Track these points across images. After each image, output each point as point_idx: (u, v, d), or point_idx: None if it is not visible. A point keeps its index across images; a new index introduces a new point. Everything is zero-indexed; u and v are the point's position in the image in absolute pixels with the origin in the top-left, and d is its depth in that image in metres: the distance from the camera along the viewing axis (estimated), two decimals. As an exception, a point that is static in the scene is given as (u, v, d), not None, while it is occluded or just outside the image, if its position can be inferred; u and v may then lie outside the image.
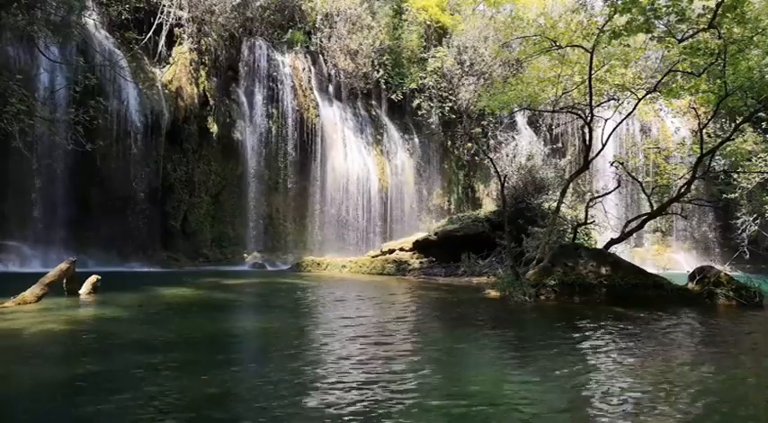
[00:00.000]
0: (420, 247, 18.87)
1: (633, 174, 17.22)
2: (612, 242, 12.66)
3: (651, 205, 14.01)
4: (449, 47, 27.37)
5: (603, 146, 14.03)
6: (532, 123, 29.11)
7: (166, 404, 3.86)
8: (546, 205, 17.85)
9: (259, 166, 22.26)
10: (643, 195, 14.90)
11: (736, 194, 20.49)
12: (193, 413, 3.74)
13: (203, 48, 21.28)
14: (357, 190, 24.24)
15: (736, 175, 18.91)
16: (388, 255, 19.11)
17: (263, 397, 4.10)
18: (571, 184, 16.78)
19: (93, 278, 9.73)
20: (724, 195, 20.44)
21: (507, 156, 22.53)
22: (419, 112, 26.82)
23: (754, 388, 4.78)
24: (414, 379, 4.62)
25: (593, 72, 12.41)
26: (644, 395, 4.32)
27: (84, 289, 9.49)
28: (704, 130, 13.18)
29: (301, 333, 7.02)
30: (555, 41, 12.96)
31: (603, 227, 15.92)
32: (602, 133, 13.71)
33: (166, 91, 19.96)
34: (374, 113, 26.64)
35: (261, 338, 6.70)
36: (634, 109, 14.00)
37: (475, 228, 18.33)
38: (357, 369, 4.91)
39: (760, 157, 18.48)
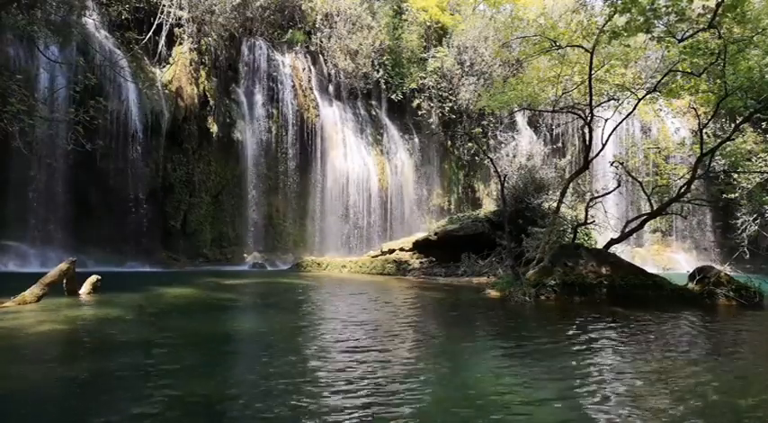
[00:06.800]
0: (420, 247, 18.87)
1: (633, 174, 17.21)
2: (612, 242, 12.66)
3: (651, 205, 14.01)
4: (449, 47, 27.37)
5: (603, 146, 14.04)
6: (532, 123, 29.11)
7: (166, 404, 3.86)
8: (546, 205, 17.84)
9: (259, 166, 22.25)
10: (643, 195, 14.90)
11: (737, 194, 20.46)
12: (193, 414, 3.74)
13: (203, 48, 21.28)
14: (357, 190, 24.23)
15: (736, 175, 18.87)
16: (388, 255, 19.11)
17: (262, 399, 4.09)
18: (571, 184, 16.78)
19: (93, 278, 9.73)
20: (724, 195, 20.40)
21: (507, 156, 22.54)
22: (419, 112, 26.82)
23: (754, 387, 4.78)
24: (414, 382, 4.62)
25: (593, 72, 12.41)
26: (645, 396, 4.32)
27: (84, 289, 9.49)
28: (704, 130, 13.17)
29: (302, 334, 7.02)
30: (555, 41, 12.96)
31: (603, 227, 15.91)
32: (602, 133, 13.72)
33: (166, 91, 19.95)
34: (374, 113, 26.64)
35: (260, 340, 6.69)
36: (634, 109, 14.00)
37: (475, 228, 18.32)
38: (357, 371, 4.91)
39: (760, 157, 18.44)
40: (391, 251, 19.35)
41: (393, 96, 26.25)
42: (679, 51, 11.46)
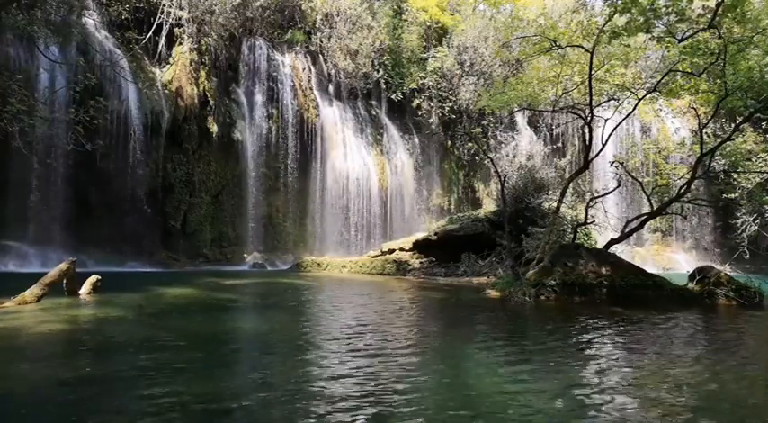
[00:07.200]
0: (420, 247, 18.87)
1: (633, 174, 17.21)
2: (612, 242, 12.66)
3: (651, 205, 14.02)
4: (449, 47, 27.37)
5: (603, 146, 14.04)
6: (532, 123, 29.12)
7: (165, 405, 3.86)
8: (546, 205, 17.85)
9: (259, 166, 22.25)
10: (643, 195, 14.90)
11: (737, 194, 20.46)
12: (193, 414, 3.73)
13: (203, 48, 21.28)
14: (357, 190, 24.24)
15: (736, 175, 18.87)
16: (388, 255, 19.11)
17: (262, 400, 4.09)
18: (571, 184, 16.77)
19: (93, 278, 9.72)
20: (724, 195, 20.41)
21: (507, 156, 22.57)
22: (419, 112, 26.83)
23: (754, 388, 4.78)
24: (415, 383, 4.62)
25: (593, 72, 12.41)
26: (645, 397, 4.32)
27: (84, 289, 9.49)
28: (704, 130, 13.18)
29: (302, 335, 7.02)
30: (555, 41, 12.96)
31: (603, 227, 15.92)
32: (602, 133, 13.72)
33: (166, 91, 19.96)
34: (374, 113, 26.64)
35: (260, 340, 6.70)
36: (634, 109, 14.01)
37: (475, 228, 18.33)
38: (357, 372, 4.91)
39: (760, 157, 18.44)
40: (391, 251, 19.35)
41: (393, 96, 26.26)
42: (679, 51, 11.46)
